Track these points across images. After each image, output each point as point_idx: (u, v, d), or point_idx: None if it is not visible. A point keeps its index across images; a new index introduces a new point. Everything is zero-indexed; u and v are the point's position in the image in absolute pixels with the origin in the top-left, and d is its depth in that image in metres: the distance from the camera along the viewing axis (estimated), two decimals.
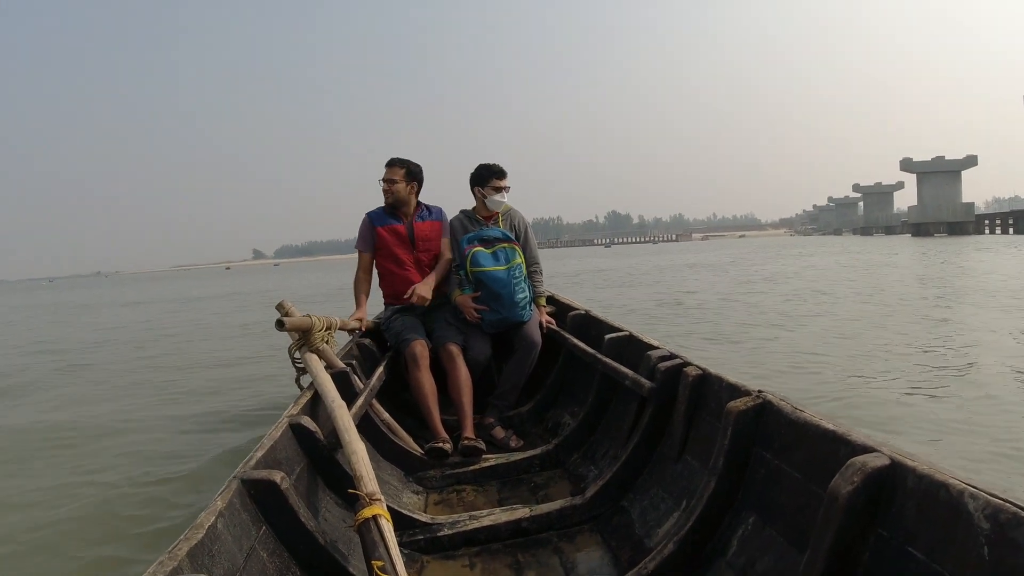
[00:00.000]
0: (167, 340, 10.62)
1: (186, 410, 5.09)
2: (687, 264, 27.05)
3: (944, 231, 47.71)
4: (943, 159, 49.69)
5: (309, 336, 2.56)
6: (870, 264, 19.64)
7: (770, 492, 1.54)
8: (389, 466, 2.59)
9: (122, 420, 4.87)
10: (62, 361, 8.81)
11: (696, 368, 2.02)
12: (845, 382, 4.67)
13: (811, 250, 34.83)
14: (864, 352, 5.77)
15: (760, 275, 17.57)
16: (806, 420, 1.44)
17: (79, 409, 5.45)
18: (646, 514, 2.00)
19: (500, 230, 3.19)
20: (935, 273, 14.77)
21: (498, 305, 3.05)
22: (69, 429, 4.67)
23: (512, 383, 3.10)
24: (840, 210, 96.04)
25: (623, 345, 2.72)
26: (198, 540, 1.24)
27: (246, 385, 5.99)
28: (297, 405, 2.16)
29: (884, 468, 1.15)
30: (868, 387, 4.52)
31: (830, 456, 1.32)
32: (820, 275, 16.16)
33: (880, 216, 70.77)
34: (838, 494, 1.16)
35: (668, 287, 15.31)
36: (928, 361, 5.29)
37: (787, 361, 5.57)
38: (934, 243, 34.38)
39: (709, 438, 1.84)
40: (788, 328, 7.51)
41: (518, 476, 2.64)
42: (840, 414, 3.13)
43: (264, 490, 1.54)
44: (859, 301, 9.95)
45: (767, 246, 52.60)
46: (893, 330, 6.90)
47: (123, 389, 6.30)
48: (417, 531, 2.06)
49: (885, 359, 5.43)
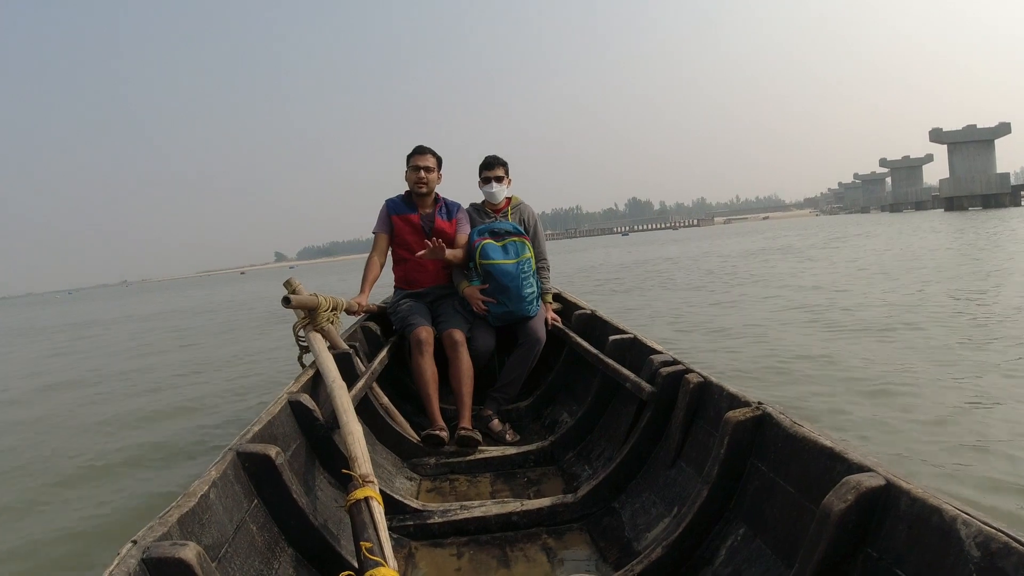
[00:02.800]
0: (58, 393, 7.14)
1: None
2: (705, 253, 24.03)
3: (978, 204, 45.67)
4: (975, 128, 47.65)
5: (315, 315, 2.58)
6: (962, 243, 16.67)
7: (762, 504, 1.53)
8: (384, 450, 2.60)
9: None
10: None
11: (698, 375, 2.00)
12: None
13: (857, 229, 31.65)
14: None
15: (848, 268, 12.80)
16: (804, 435, 1.43)
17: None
18: (636, 517, 2.00)
19: (511, 224, 3.19)
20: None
21: (505, 298, 3.04)
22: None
23: (513, 377, 3.10)
24: (867, 187, 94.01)
25: (626, 347, 2.69)
26: (189, 508, 1.26)
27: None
28: (298, 383, 2.18)
29: (879, 488, 1.15)
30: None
31: (826, 472, 1.32)
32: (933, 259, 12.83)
33: (909, 191, 68.59)
34: (831, 511, 1.16)
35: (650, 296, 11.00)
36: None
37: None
38: (971, 217, 32.35)
39: (705, 446, 1.84)
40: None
41: (512, 470, 2.63)
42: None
43: (259, 464, 1.56)
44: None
45: (802, 228, 47.72)
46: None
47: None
48: (407, 517, 2.06)
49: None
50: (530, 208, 3.41)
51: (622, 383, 2.39)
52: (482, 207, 3.37)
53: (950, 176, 47.64)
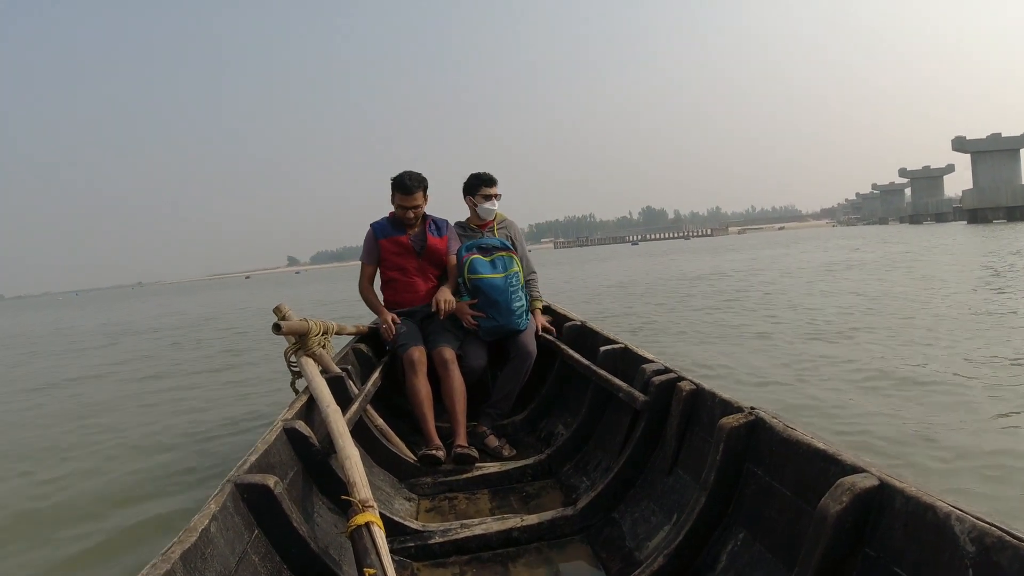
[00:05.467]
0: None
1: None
2: (774, 265, 18.86)
3: (1003, 217, 43.57)
4: (1000, 136, 45.73)
5: (306, 340, 2.60)
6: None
7: (760, 508, 1.56)
8: (382, 471, 2.60)
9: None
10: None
11: (690, 383, 2.03)
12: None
13: (906, 239, 29.27)
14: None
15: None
16: (797, 438, 1.46)
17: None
18: (636, 527, 2.02)
19: (498, 239, 3.23)
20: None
21: (495, 312, 3.07)
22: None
23: (506, 392, 3.10)
24: (885, 197, 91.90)
25: (618, 357, 2.71)
26: (191, 543, 1.27)
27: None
28: (292, 409, 2.19)
29: (873, 489, 1.17)
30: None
31: (820, 475, 1.34)
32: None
33: (930, 202, 66.36)
34: (827, 513, 1.18)
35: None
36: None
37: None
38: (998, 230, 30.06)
39: (701, 453, 1.87)
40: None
41: (510, 485, 2.63)
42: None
43: (257, 494, 1.56)
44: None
45: (836, 237, 44.40)
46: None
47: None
48: (408, 538, 2.07)
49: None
50: (515, 225, 3.46)
51: (615, 393, 2.41)
52: (467, 224, 3.41)
53: (973, 187, 45.67)
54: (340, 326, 3.01)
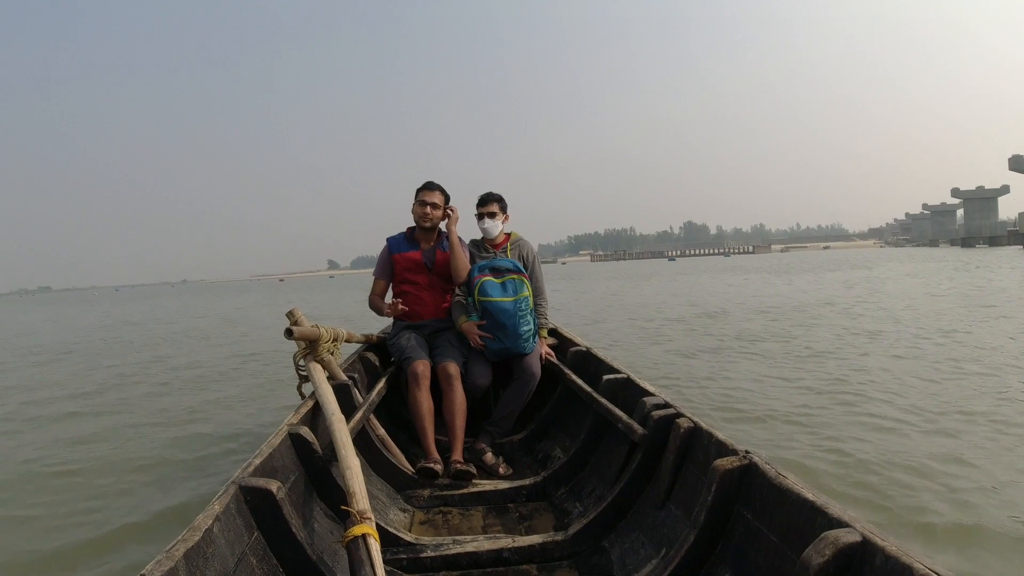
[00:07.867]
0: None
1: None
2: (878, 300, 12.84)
3: None
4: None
5: (316, 346, 2.62)
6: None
7: (747, 551, 1.58)
8: (379, 481, 2.63)
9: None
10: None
11: (688, 420, 2.05)
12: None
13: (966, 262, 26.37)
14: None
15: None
16: (788, 487, 1.48)
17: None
18: (625, 557, 2.03)
19: (511, 261, 3.25)
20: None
21: (502, 335, 3.10)
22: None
23: (508, 411, 3.14)
24: (936, 219, 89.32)
25: (620, 387, 2.74)
26: (195, 542, 1.31)
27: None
28: (297, 414, 2.23)
29: (856, 544, 1.20)
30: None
31: (806, 525, 1.37)
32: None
33: (983, 225, 64.25)
34: (809, 564, 1.21)
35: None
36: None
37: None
38: None
39: (694, 490, 1.89)
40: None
41: (504, 504, 2.65)
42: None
43: (260, 498, 1.60)
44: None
45: (880, 260, 41.00)
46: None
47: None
48: (401, 550, 2.09)
49: None
50: (529, 244, 3.49)
51: (615, 423, 2.43)
52: (481, 243, 3.45)
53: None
54: (350, 333, 3.06)
